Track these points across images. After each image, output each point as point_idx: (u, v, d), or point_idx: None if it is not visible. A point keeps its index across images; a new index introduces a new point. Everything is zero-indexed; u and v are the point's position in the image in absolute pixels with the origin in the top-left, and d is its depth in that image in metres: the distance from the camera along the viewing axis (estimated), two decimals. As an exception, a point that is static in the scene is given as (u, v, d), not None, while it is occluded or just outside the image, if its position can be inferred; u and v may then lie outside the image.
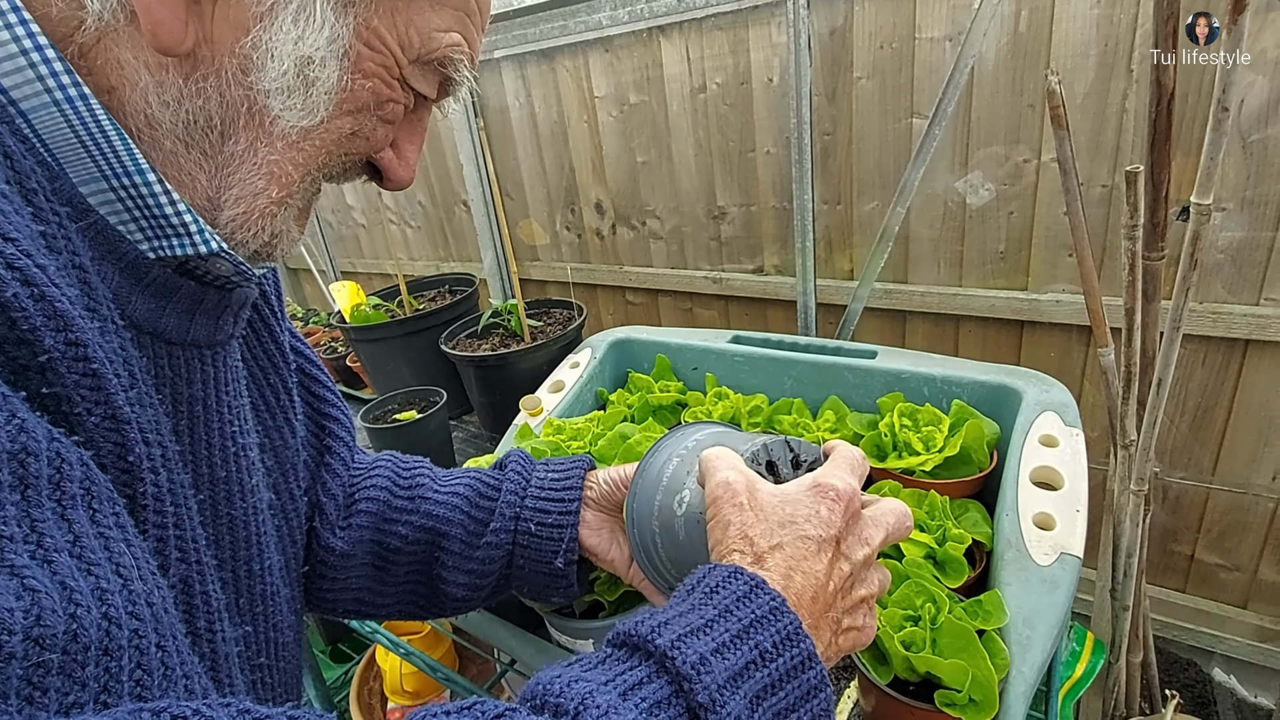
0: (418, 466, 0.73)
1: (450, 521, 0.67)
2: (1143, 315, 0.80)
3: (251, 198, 0.41)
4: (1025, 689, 0.62)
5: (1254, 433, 1.32)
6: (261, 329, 0.56)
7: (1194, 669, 1.53)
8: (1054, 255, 1.41)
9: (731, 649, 0.37)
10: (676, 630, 0.37)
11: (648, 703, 0.34)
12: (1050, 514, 0.75)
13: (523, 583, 0.69)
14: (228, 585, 0.47)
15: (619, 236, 2.07)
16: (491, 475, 0.71)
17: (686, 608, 0.39)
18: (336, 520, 0.65)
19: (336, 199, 2.90)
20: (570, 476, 0.69)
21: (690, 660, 0.35)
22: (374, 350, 1.48)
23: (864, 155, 1.55)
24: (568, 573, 0.67)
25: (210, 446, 0.45)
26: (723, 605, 0.39)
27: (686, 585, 0.42)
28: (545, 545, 0.66)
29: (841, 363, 1.07)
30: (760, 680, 0.36)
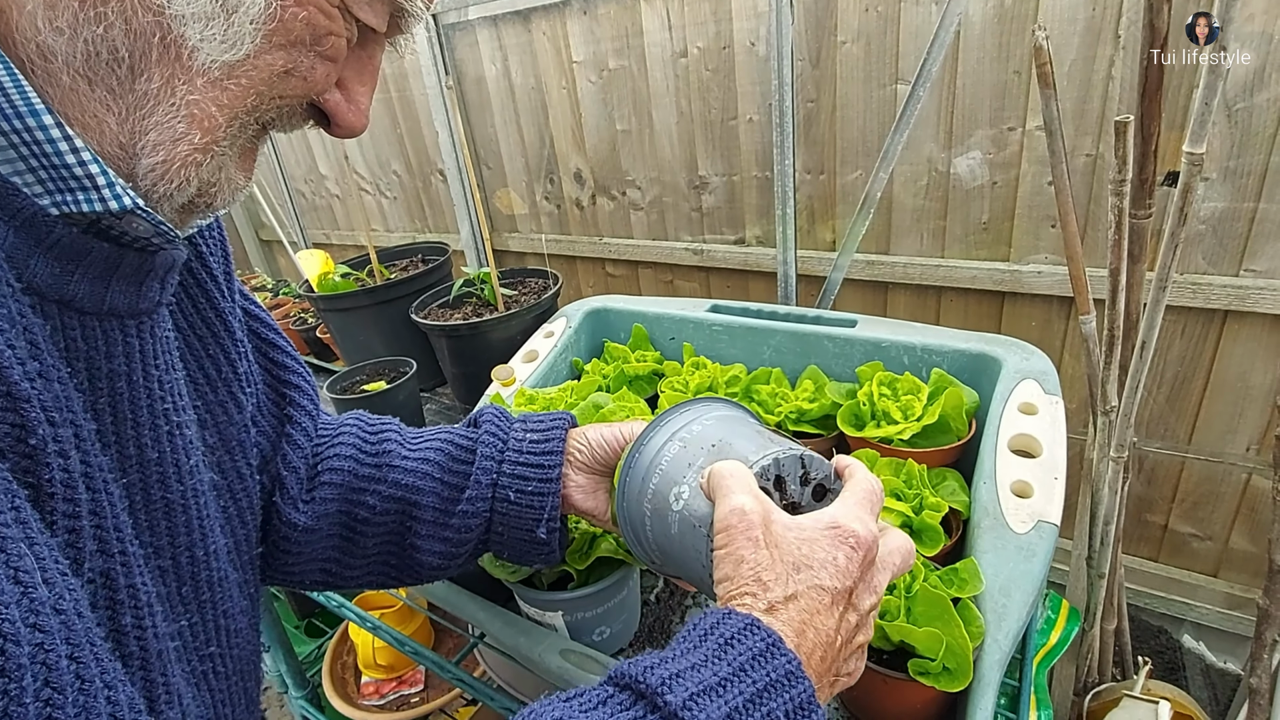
0: (385, 429, 0.68)
1: (421, 490, 0.63)
2: (1128, 276, 0.79)
3: (171, 144, 0.36)
4: (1000, 657, 0.61)
5: (1230, 403, 1.33)
6: (199, 295, 0.51)
7: (1164, 636, 1.56)
8: (1036, 226, 1.39)
9: (745, 715, 0.35)
10: (689, 688, 0.35)
11: None
12: (1028, 482, 0.74)
13: (502, 548, 0.66)
14: (166, 574, 0.43)
15: (599, 207, 2.03)
16: (465, 436, 0.67)
17: (699, 659, 0.37)
18: (299, 495, 0.61)
19: (309, 168, 2.82)
20: (550, 439, 0.65)
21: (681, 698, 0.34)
22: (343, 320, 1.43)
23: (848, 123, 1.51)
24: (550, 541, 0.64)
25: (138, 425, 0.41)
26: (737, 663, 0.37)
27: (699, 630, 0.40)
28: (525, 514, 0.63)
29: (821, 332, 1.05)
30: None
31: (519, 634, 0.75)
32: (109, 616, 0.36)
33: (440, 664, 0.90)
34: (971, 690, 0.59)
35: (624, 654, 0.82)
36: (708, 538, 0.47)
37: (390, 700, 1.38)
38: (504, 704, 0.86)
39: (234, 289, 0.56)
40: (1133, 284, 0.80)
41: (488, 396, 1.07)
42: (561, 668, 0.71)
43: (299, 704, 1.40)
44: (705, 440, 0.54)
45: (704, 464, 0.51)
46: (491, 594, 0.83)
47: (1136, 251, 0.77)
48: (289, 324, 1.86)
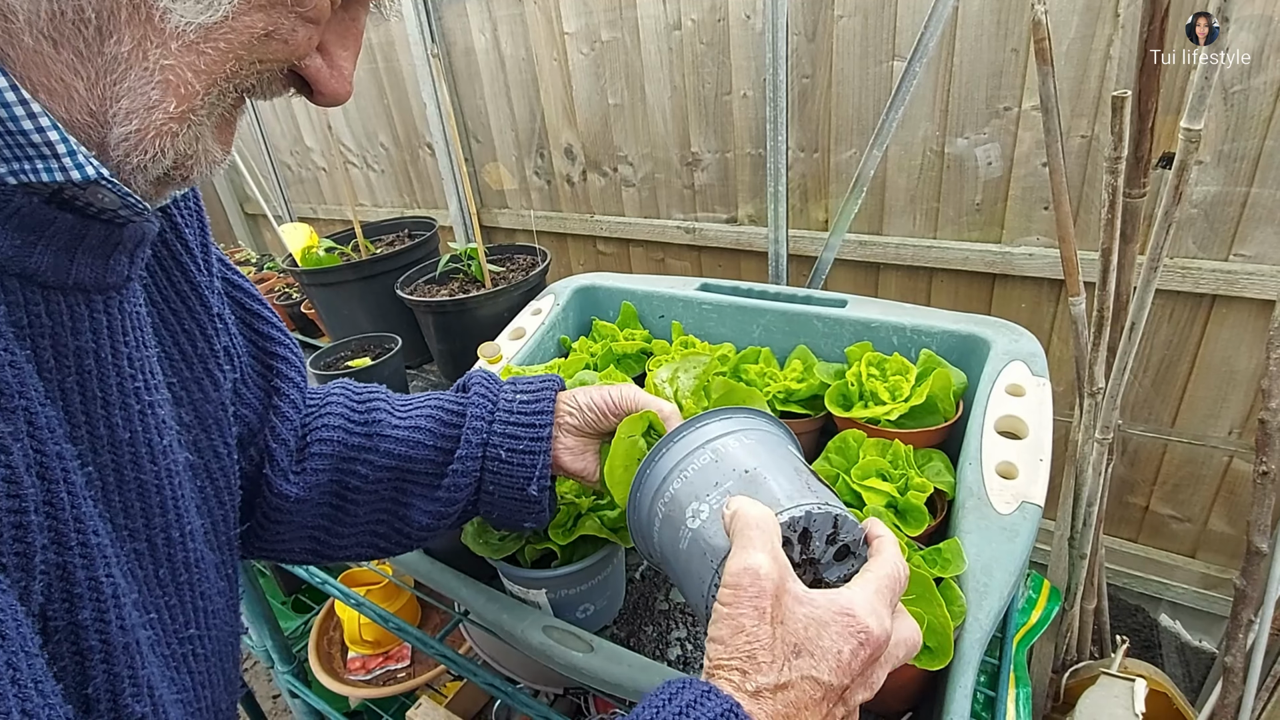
0: (373, 397, 0.67)
1: (414, 458, 0.63)
2: (1120, 257, 0.78)
3: (145, 112, 0.34)
4: (981, 636, 0.61)
5: (1214, 388, 1.34)
6: (173, 268, 0.49)
7: (1141, 615, 1.58)
8: (1029, 208, 1.39)
9: None
10: None
11: None
12: (1013, 463, 0.74)
13: (492, 509, 0.66)
14: (143, 557, 0.42)
15: (590, 183, 2.00)
16: (454, 400, 0.67)
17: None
18: (289, 466, 0.61)
19: (295, 139, 2.76)
20: (541, 399, 0.66)
21: None
22: (328, 296, 1.41)
23: (843, 100, 1.49)
24: (541, 499, 0.65)
25: (108, 405, 0.40)
26: None
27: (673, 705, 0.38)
28: (517, 472, 0.64)
29: (811, 311, 1.04)
30: None
31: (502, 610, 0.75)
32: (65, 610, 0.35)
33: (424, 640, 0.90)
34: (952, 668, 0.59)
35: (608, 631, 0.82)
36: (715, 572, 0.45)
37: (377, 675, 1.38)
38: (488, 679, 0.86)
39: (212, 261, 0.54)
40: (1124, 265, 0.79)
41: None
42: (544, 644, 0.71)
43: (285, 679, 1.40)
44: (739, 463, 0.50)
45: (731, 489, 0.48)
46: (476, 572, 0.83)
47: (1129, 232, 0.77)
48: (273, 299, 1.84)
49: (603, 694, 0.75)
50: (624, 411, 0.65)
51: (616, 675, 0.66)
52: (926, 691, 0.68)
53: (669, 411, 0.64)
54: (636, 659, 0.67)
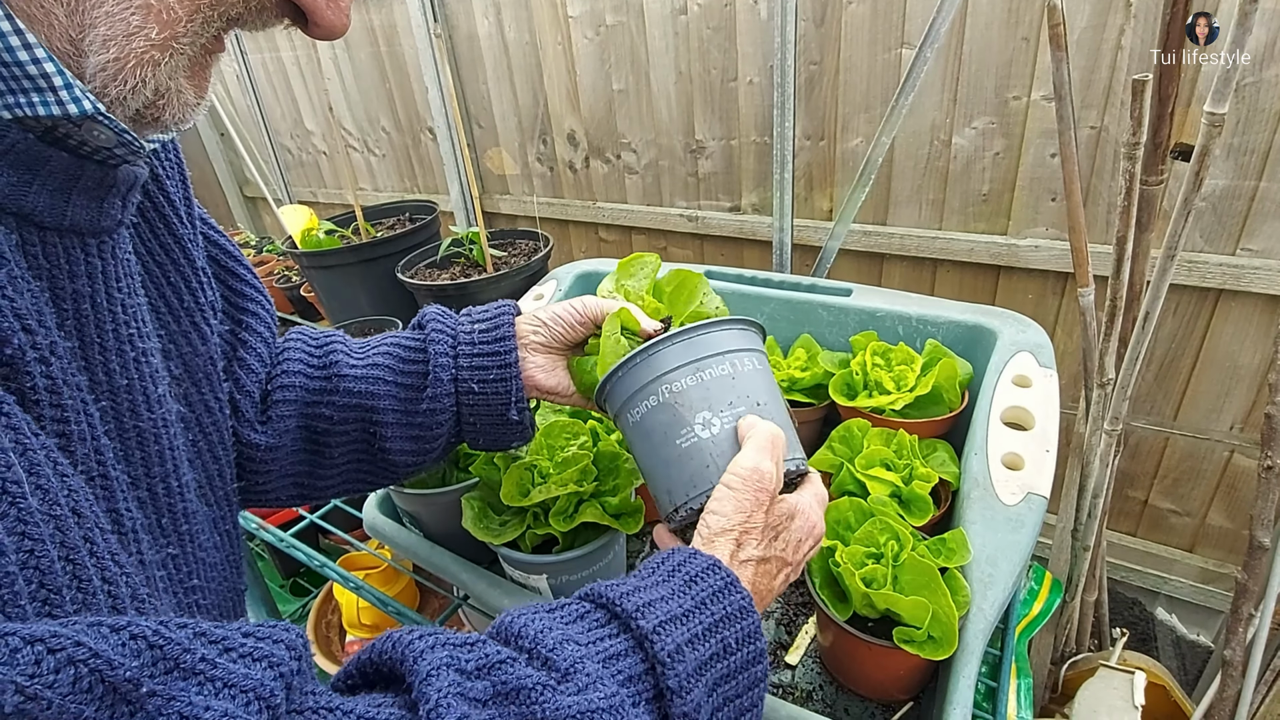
0: (329, 341, 0.68)
1: (376, 395, 0.64)
2: (1134, 245, 0.77)
3: (124, 39, 0.32)
4: (985, 626, 0.61)
5: (1217, 382, 1.33)
6: (156, 220, 0.48)
7: (1138, 608, 1.59)
8: (1037, 199, 1.37)
9: (702, 641, 0.41)
10: (659, 615, 0.40)
11: (624, 675, 0.38)
12: (1019, 454, 0.73)
13: (476, 436, 0.67)
14: (145, 505, 0.42)
15: (593, 170, 1.99)
16: (412, 337, 0.67)
17: (667, 591, 0.43)
18: (255, 417, 0.61)
19: (295, 122, 2.74)
20: (499, 324, 0.66)
21: (668, 649, 0.39)
22: (328, 278, 1.40)
23: (851, 87, 1.48)
24: (523, 420, 0.66)
25: (105, 350, 0.39)
26: (700, 598, 0.43)
27: (668, 564, 0.45)
28: (493, 400, 0.65)
29: (815, 300, 1.03)
30: (721, 670, 0.41)
31: (503, 596, 0.75)
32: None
33: (423, 624, 0.90)
34: (955, 658, 0.59)
35: (609, 617, 0.82)
36: (712, 473, 0.53)
37: (375, 659, 1.39)
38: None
39: (194, 213, 0.53)
40: (1138, 254, 0.78)
41: (475, 358, 1.05)
42: (546, 630, 0.70)
43: (283, 661, 1.40)
44: (754, 391, 0.56)
45: (745, 412, 0.54)
46: (476, 556, 0.82)
47: (1145, 220, 0.75)
48: (272, 282, 1.82)
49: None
50: (589, 318, 0.67)
51: (617, 661, 0.66)
52: (927, 681, 0.68)
53: (636, 311, 0.67)
54: (638, 645, 0.67)
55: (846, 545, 0.66)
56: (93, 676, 0.25)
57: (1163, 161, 0.73)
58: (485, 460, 0.79)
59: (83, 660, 0.24)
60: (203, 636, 0.30)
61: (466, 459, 0.86)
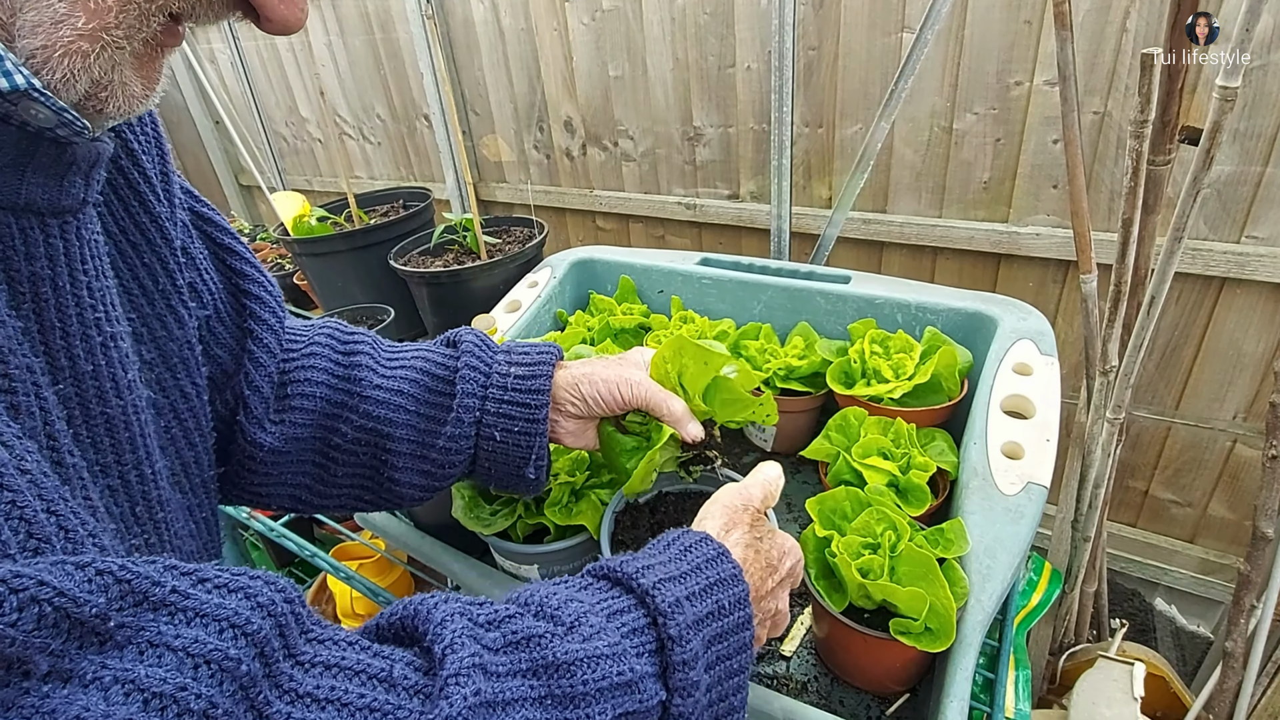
0: (358, 346, 0.63)
1: (395, 423, 0.60)
2: (1140, 228, 0.75)
3: (52, 25, 0.30)
4: (983, 618, 0.60)
5: (1220, 372, 1.32)
6: (130, 198, 0.46)
7: (1137, 599, 1.58)
8: (1038, 186, 1.35)
9: (699, 599, 0.43)
10: (658, 575, 0.42)
11: (628, 628, 0.40)
12: (1019, 443, 0.72)
13: (488, 480, 0.65)
14: (117, 493, 0.41)
15: (589, 158, 1.96)
16: (443, 363, 0.63)
17: (665, 559, 0.45)
18: (265, 414, 0.57)
19: (290, 109, 2.71)
20: (538, 375, 0.63)
21: (668, 600, 0.41)
22: (320, 266, 1.38)
23: (850, 73, 1.45)
24: (539, 477, 0.64)
25: (68, 335, 0.37)
26: (695, 563, 0.45)
27: (662, 541, 0.47)
28: (513, 452, 0.62)
29: (814, 287, 1.02)
30: (715, 628, 0.43)
31: (494, 586, 0.74)
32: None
33: (416, 615, 0.89)
34: (953, 650, 0.58)
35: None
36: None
37: (370, 649, 1.38)
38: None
39: (173, 191, 0.50)
40: (1145, 237, 0.76)
41: (468, 346, 1.03)
42: (536, 621, 0.69)
43: (278, 652, 1.39)
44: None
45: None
46: (468, 546, 0.81)
47: (1151, 202, 0.74)
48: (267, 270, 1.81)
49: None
50: (632, 406, 0.64)
51: (609, 653, 0.65)
52: (923, 673, 0.67)
53: (679, 415, 0.63)
54: (630, 637, 0.66)
55: (843, 535, 0.65)
56: (58, 614, 0.25)
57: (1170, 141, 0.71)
58: (476, 449, 0.78)
59: (46, 599, 0.24)
60: (174, 569, 0.29)
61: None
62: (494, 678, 0.34)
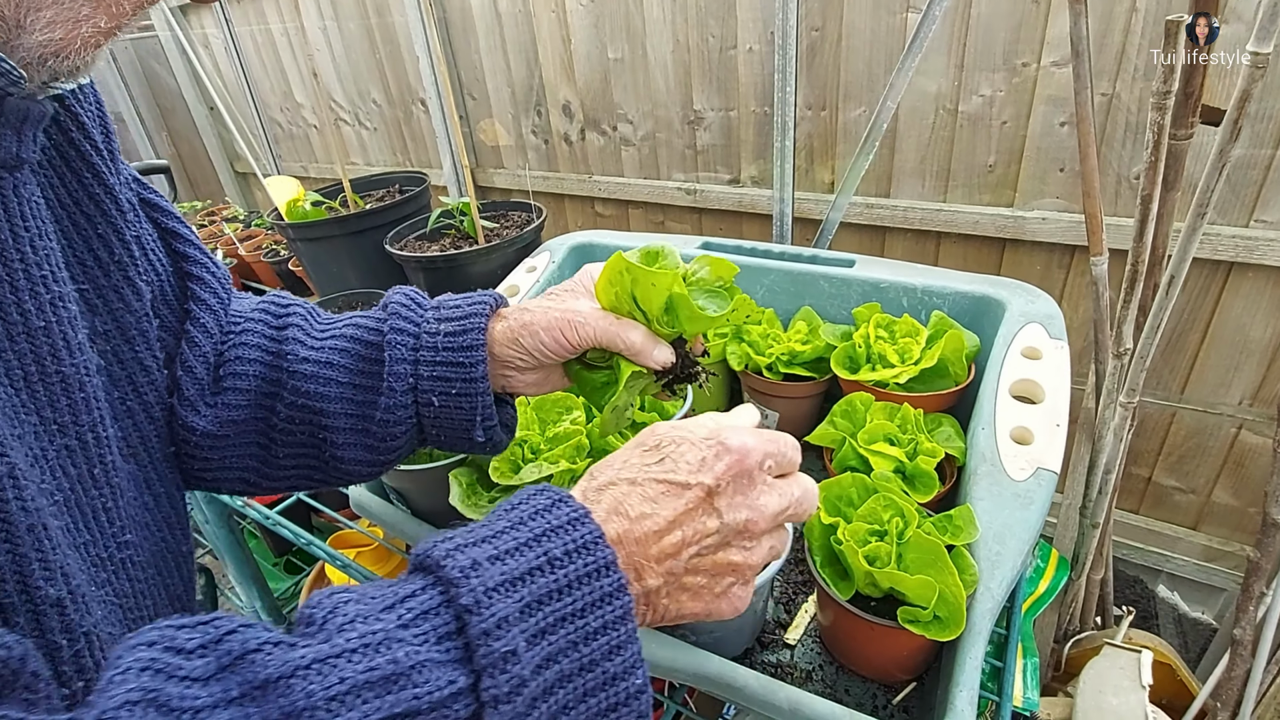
0: (290, 319, 0.59)
1: (327, 398, 0.55)
2: (1159, 205, 0.73)
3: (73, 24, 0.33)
4: (992, 606, 0.58)
5: (1226, 357, 1.30)
6: (82, 169, 0.45)
7: (1139, 586, 1.57)
8: (1044, 170, 1.33)
9: (514, 555, 0.34)
10: (457, 542, 0.34)
11: (412, 614, 0.32)
12: (1029, 428, 0.71)
13: (442, 446, 0.60)
14: (74, 453, 0.40)
15: (588, 143, 1.94)
16: (374, 328, 0.58)
17: (480, 524, 0.37)
18: (199, 398, 0.54)
19: (284, 95, 2.67)
20: (468, 330, 0.56)
21: (460, 565, 0.32)
22: (315, 251, 1.36)
23: (853, 54, 1.43)
24: (491, 438, 0.58)
25: (17, 290, 0.37)
26: (516, 518, 0.36)
27: (503, 506, 0.38)
28: (456, 416, 0.56)
29: (817, 271, 1.00)
30: (544, 586, 0.33)
31: (493, 575, 0.72)
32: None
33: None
34: (962, 639, 0.57)
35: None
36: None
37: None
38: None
39: (119, 165, 0.49)
40: (1163, 214, 0.74)
41: (466, 332, 1.01)
42: (536, 610, 0.68)
43: (276, 641, 1.39)
44: None
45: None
46: (466, 534, 0.80)
47: (1171, 178, 0.71)
48: (260, 256, 1.78)
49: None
50: (580, 348, 0.57)
51: (610, 642, 0.63)
52: (931, 661, 0.66)
53: (639, 345, 0.56)
54: (631, 625, 0.65)
55: (849, 522, 0.63)
56: None
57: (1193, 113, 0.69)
58: (474, 435, 0.76)
59: None
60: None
61: (455, 435, 0.83)
62: (174, 714, 0.27)
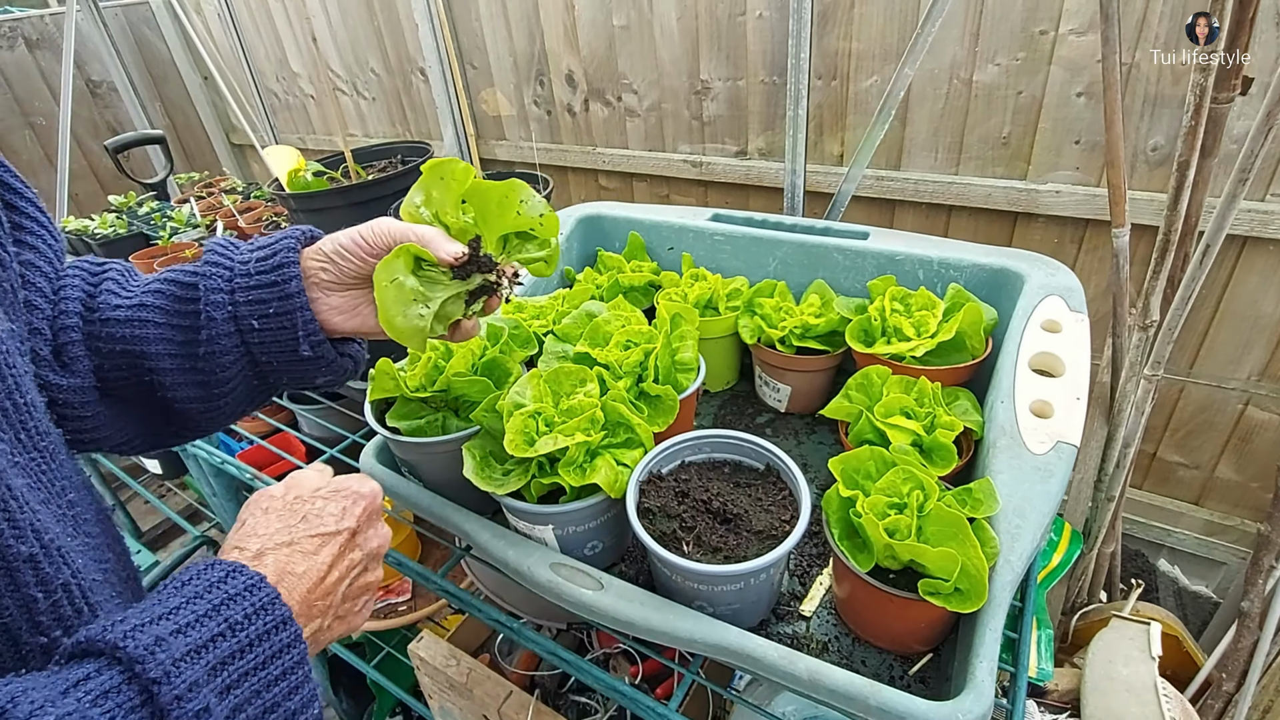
0: (105, 275, 0.60)
1: (146, 339, 0.57)
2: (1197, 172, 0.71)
3: None
4: (1012, 578, 0.58)
5: (1237, 333, 1.29)
6: None
7: (1140, 559, 1.59)
8: (1059, 142, 1.31)
9: (197, 626, 0.37)
10: (132, 623, 0.36)
11: (94, 694, 0.33)
12: (1048, 401, 0.70)
13: (279, 375, 0.61)
14: (9, 415, 0.42)
15: (592, 114, 1.90)
16: (188, 272, 0.59)
17: (152, 602, 0.38)
18: (51, 357, 0.55)
19: (280, 63, 2.62)
20: (278, 252, 0.58)
21: (144, 643, 0.34)
22: (318, 222, 1.33)
23: (867, 21, 1.39)
24: (322, 354, 0.60)
25: None
26: (193, 592, 0.39)
27: (176, 581, 0.40)
28: (280, 335, 0.58)
29: (830, 243, 0.98)
30: (228, 648, 0.37)
31: (509, 546, 0.72)
32: None
33: (426, 575, 0.88)
34: (982, 611, 0.57)
35: (616, 569, 0.80)
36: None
37: (378, 609, 1.38)
38: (493, 615, 0.84)
39: None
40: (1199, 182, 0.72)
41: (474, 305, 1.00)
42: (552, 581, 0.68)
43: (285, 612, 1.40)
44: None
45: None
46: (478, 507, 0.79)
47: (1209, 144, 0.70)
48: (261, 229, 1.76)
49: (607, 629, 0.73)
50: (383, 249, 0.59)
51: (628, 613, 0.63)
52: (948, 633, 0.66)
53: (429, 236, 0.59)
54: (649, 597, 0.65)
55: (867, 495, 0.63)
56: None
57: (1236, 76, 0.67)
58: (487, 408, 0.75)
59: None
60: None
61: (466, 407, 0.83)
62: None
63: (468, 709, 1.05)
